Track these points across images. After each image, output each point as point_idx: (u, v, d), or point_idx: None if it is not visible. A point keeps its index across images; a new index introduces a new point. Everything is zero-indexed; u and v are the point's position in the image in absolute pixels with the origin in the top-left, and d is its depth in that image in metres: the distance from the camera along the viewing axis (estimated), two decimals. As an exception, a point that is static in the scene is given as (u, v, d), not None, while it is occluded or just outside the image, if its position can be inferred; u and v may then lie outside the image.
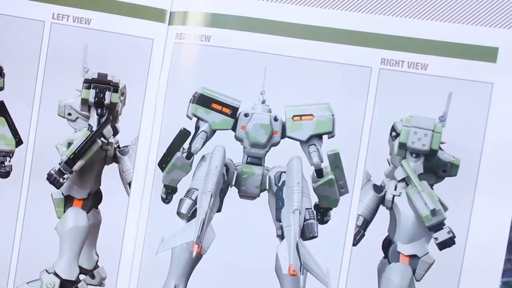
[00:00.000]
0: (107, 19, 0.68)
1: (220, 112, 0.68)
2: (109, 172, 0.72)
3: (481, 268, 0.62)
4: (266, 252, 0.66)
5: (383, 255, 0.66)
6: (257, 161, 0.69)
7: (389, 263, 0.66)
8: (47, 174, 0.70)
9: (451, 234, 0.64)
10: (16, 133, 0.70)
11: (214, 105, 0.68)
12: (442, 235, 0.65)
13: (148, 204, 0.69)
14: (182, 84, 0.67)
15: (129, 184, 0.70)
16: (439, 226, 0.64)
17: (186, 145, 0.68)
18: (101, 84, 0.69)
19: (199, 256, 0.65)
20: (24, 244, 0.71)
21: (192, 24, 0.66)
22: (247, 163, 0.69)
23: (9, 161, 0.72)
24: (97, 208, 0.73)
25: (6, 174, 0.71)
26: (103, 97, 0.69)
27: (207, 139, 0.68)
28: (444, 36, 0.62)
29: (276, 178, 0.69)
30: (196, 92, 0.66)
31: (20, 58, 0.68)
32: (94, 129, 0.70)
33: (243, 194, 0.69)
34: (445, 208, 0.64)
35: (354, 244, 0.66)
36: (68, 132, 0.72)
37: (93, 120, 0.72)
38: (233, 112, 0.67)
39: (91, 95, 0.70)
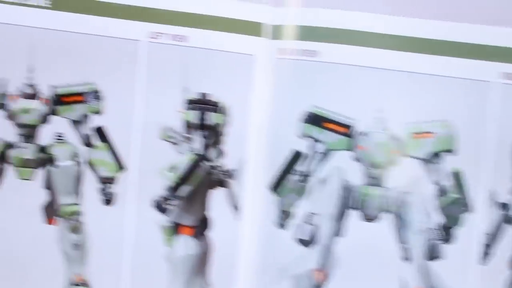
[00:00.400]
0: (205, 36, 0.81)
1: (335, 131, 0.81)
2: (217, 197, 0.86)
3: None
4: (389, 275, 0.81)
5: (511, 273, 0.80)
6: (377, 181, 0.83)
7: None
8: (153, 201, 0.84)
9: None
10: (118, 158, 0.85)
11: (328, 124, 0.81)
12: None
13: (260, 230, 0.82)
14: (288, 103, 0.81)
15: (238, 208, 0.82)
16: None
17: (300, 167, 0.81)
18: (203, 105, 0.83)
19: (321, 284, 0.79)
20: (134, 274, 0.86)
21: (296, 39, 0.79)
22: (366, 184, 0.81)
23: (112, 188, 0.86)
24: (206, 235, 0.86)
25: (110, 201, 0.86)
26: (206, 119, 0.83)
27: (323, 160, 0.81)
28: None
29: (398, 199, 0.82)
30: (308, 111, 0.80)
31: (117, 80, 0.82)
32: (199, 152, 0.84)
33: (365, 217, 0.83)
34: None
35: (481, 263, 0.80)
36: (172, 156, 0.84)
37: (197, 143, 0.84)
38: (349, 131, 0.81)
39: (193, 116, 0.83)
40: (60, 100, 0.86)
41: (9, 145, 0.86)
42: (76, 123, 0.87)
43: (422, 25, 0.77)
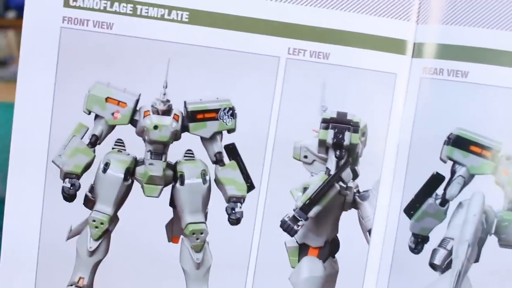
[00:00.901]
0: (346, 53, 0.80)
1: (480, 155, 0.80)
2: (348, 219, 0.86)
3: None
4: None
5: None
6: None
7: None
8: (281, 221, 0.83)
9: None
10: (248, 177, 0.84)
11: (473, 148, 0.80)
12: None
13: (391, 254, 0.82)
14: (430, 124, 0.80)
15: (369, 231, 0.82)
16: None
17: (439, 191, 0.81)
18: (340, 124, 0.82)
19: None
20: None
21: (441, 57, 0.78)
22: (508, 210, 0.80)
23: (240, 207, 0.85)
24: (334, 257, 0.86)
25: (237, 221, 0.85)
26: (342, 138, 0.82)
27: (465, 184, 0.80)
28: None
29: None
30: (451, 133, 0.79)
31: (253, 97, 0.81)
32: (332, 172, 0.83)
33: (503, 243, 0.81)
34: None
35: None
36: (303, 176, 0.85)
37: (331, 163, 0.84)
38: (494, 155, 0.79)
39: (329, 136, 0.83)
40: (193, 117, 0.85)
41: (138, 162, 0.86)
42: (207, 140, 0.87)
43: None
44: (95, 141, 0.85)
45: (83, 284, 0.86)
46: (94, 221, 0.86)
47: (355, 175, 0.84)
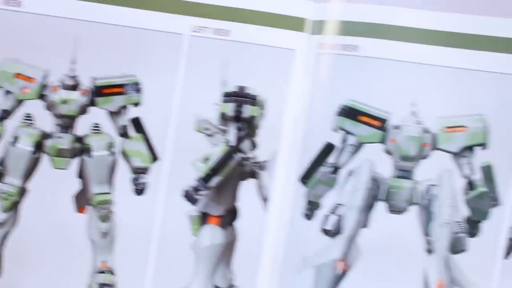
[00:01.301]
0: (247, 30, 0.83)
1: (369, 124, 0.85)
2: (247, 188, 0.89)
3: None
4: (413, 267, 0.84)
5: None
6: (406, 174, 0.86)
7: None
8: (184, 191, 0.86)
9: None
10: (152, 149, 0.88)
11: (362, 118, 0.84)
12: None
13: (287, 221, 0.84)
14: (325, 96, 0.83)
15: (267, 200, 0.85)
16: None
17: (331, 159, 0.84)
18: (240, 98, 0.85)
19: (343, 274, 0.83)
20: (159, 262, 0.88)
21: (337, 33, 0.82)
22: (396, 176, 0.85)
23: (145, 178, 0.88)
24: (233, 225, 0.89)
25: (142, 191, 0.88)
26: (242, 111, 0.85)
27: (355, 152, 0.85)
28: None
29: (426, 192, 0.86)
30: (342, 104, 0.83)
31: (157, 73, 0.84)
32: (232, 144, 0.86)
33: (392, 209, 0.86)
34: None
35: (506, 257, 0.82)
36: (205, 148, 0.87)
37: (231, 135, 0.87)
38: (382, 124, 0.85)
39: (229, 109, 0.86)
40: (100, 92, 0.88)
41: (46, 135, 0.88)
42: (114, 114, 0.90)
43: (457, 19, 0.81)
44: (4, 116, 0.87)
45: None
46: (3, 193, 0.87)
47: (254, 146, 0.88)
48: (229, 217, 0.91)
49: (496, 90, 0.81)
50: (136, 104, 0.87)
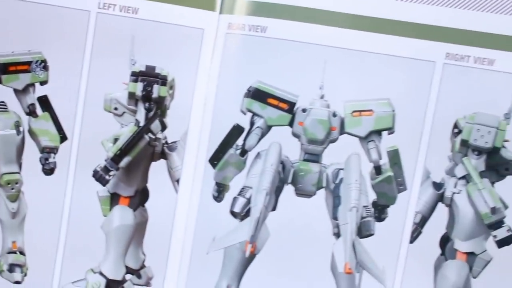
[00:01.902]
0: (155, 8, 0.83)
1: (277, 107, 0.85)
2: (157, 169, 0.89)
3: None
4: (321, 250, 0.84)
5: (440, 252, 0.85)
6: (314, 158, 0.87)
7: (446, 260, 0.85)
8: (93, 171, 0.86)
9: (511, 232, 0.81)
10: (60, 128, 0.87)
11: (270, 100, 0.84)
12: (501, 233, 0.83)
13: (197, 202, 0.85)
14: (234, 77, 0.83)
15: (178, 181, 0.86)
16: (498, 224, 0.83)
17: (239, 142, 0.84)
18: (149, 77, 0.85)
19: (252, 256, 0.83)
20: (69, 242, 0.88)
21: (246, 14, 0.81)
22: (304, 160, 0.86)
23: (54, 158, 0.88)
24: (144, 206, 0.90)
25: (51, 171, 0.88)
26: (151, 91, 0.85)
27: (263, 135, 0.85)
28: None
29: (334, 175, 0.86)
30: (251, 86, 0.83)
31: (64, 50, 0.84)
32: (142, 124, 0.86)
33: (300, 192, 0.87)
34: (506, 206, 0.82)
35: (411, 241, 0.84)
36: (114, 128, 0.87)
37: (140, 115, 0.87)
38: (290, 107, 0.84)
39: (138, 88, 0.85)
40: (6, 69, 0.87)
41: None
42: (20, 92, 0.89)
43: (367, 3, 0.81)
44: None
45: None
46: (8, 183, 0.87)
47: (164, 127, 0.88)
48: (139, 198, 0.90)
49: (403, 74, 0.82)
50: (43, 82, 0.87)
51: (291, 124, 0.85)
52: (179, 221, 0.86)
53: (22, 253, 0.90)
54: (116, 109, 0.87)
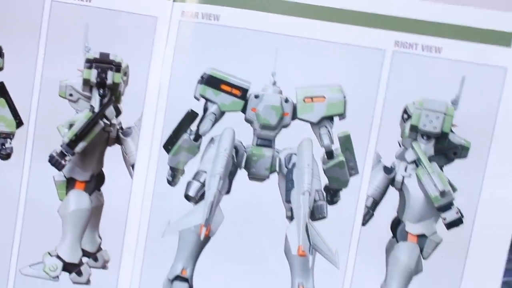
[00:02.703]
0: None
1: (230, 93, 0.88)
2: (112, 154, 0.92)
3: (488, 248, 0.84)
4: (275, 233, 0.88)
5: (391, 234, 0.89)
6: (267, 143, 0.90)
7: (397, 242, 0.89)
8: (49, 156, 0.89)
9: (459, 215, 0.86)
10: (16, 114, 0.90)
11: (224, 86, 0.87)
12: (450, 216, 0.87)
13: (152, 187, 0.88)
14: (188, 65, 0.86)
15: (133, 166, 0.89)
16: (447, 206, 0.87)
17: (193, 127, 0.87)
18: (103, 64, 0.88)
19: (207, 239, 0.87)
20: (26, 226, 0.91)
21: (199, 2, 0.84)
22: (257, 145, 0.90)
23: (10, 143, 0.91)
24: (99, 190, 0.93)
25: (7, 156, 0.91)
26: (105, 77, 0.88)
27: (216, 121, 0.88)
28: (459, 19, 0.82)
29: (286, 160, 0.89)
30: (204, 73, 0.86)
31: (19, 38, 0.86)
32: (96, 110, 0.89)
33: (253, 176, 0.90)
34: (454, 189, 0.86)
35: (363, 224, 0.87)
36: (69, 113, 0.90)
37: (95, 101, 0.90)
38: (243, 93, 0.87)
39: (92, 75, 0.88)
40: (-43, 56, 0.85)
41: None
42: None
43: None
44: None
45: None
46: None
47: (118, 113, 0.91)
48: (95, 182, 0.93)
49: (354, 62, 0.85)
50: (-3, 69, 0.84)
51: (244, 110, 0.88)
52: (134, 205, 0.89)
53: (-21, 238, 0.87)
54: (71, 95, 0.90)
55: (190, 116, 0.87)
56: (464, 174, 0.86)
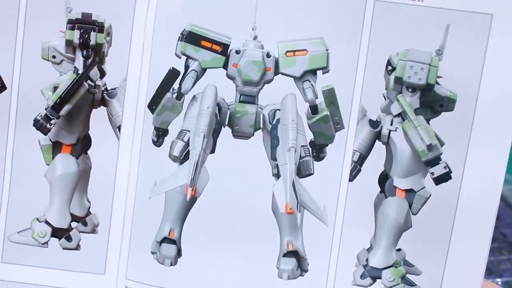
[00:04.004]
0: None
1: (210, 49, 0.90)
2: (98, 116, 0.96)
3: (477, 202, 0.87)
4: (262, 191, 0.90)
5: (379, 190, 0.92)
6: (250, 99, 0.93)
7: (386, 198, 0.91)
8: (33, 120, 0.91)
9: (448, 169, 0.88)
10: None
11: (204, 43, 0.90)
12: (438, 170, 0.89)
13: (139, 148, 0.91)
14: (170, 22, 0.89)
15: (119, 127, 0.92)
16: (435, 161, 0.89)
17: (176, 85, 0.90)
18: (85, 25, 0.91)
19: (193, 199, 0.90)
20: (13, 193, 0.94)
21: None
22: (240, 101, 0.92)
23: None
24: (86, 153, 0.97)
25: None
26: (88, 38, 0.91)
27: (198, 78, 0.91)
28: (440, -35, 0.80)
29: (271, 116, 0.92)
30: (184, 29, 0.88)
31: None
32: (80, 71, 0.92)
33: (237, 134, 0.93)
34: (442, 143, 0.88)
35: (351, 180, 0.90)
36: (53, 76, 0.94)
37: (79, 62, 0.93)
38: (224, 49, 0.90)
39: (75, 36, 0.91)
40: None
41: None
42: None
43: None
44: None
45: None
46: None
47: (103, 74, 0.94)
48: (82, 146, 0.97)
49: (335, 13, 0.87)
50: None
51: (225, 66, 0.91)
52: (121, 167, 0.91)
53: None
54: (54, 57, 0.93)
55: (172, 74, 0.90)
56: (451, 128, 0.88)
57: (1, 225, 0.93)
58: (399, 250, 0.91)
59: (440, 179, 0.89)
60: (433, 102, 0.90)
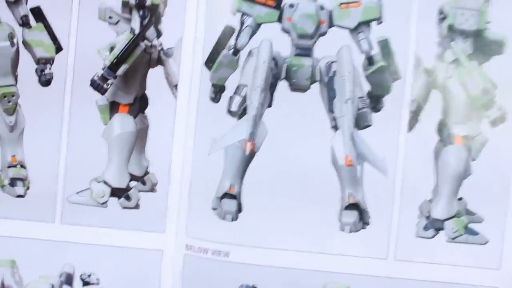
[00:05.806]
0: None
1: (264, 4, 0.96)
2: (154, 76, 1.01)
3: None
4: (321, 144, 0.96)
5: (438, 138, 0.97)
6: (306, 52, 0.98)
7: (445, 146, 0.96)
8: (90, 81, 0.97)
9: (503, 111, 0.94)
10: (55, 39, 0.98)
11: None
12: (493, 113, 0.95)
13: (196, 105, 0.97)
14: None
15: (175, 86, 0.98)
16: (489, 104, 0.95)
17: (232, 42, 0.96)
18: None
19: (252, 154, 0.95)
20: (71, 153, 1.00)
21: None
22: (296, 55, 0.98)
23: (50, 69, 0.99)
24: (144, 113, 1.02)
25: (47, 83, 0.99)
26: None
27: (253, 33, 0.97)
28: None
29: (327, 69, 0.98)
30: None
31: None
32: (137, 32, 0.98)
33: (294, 87, 0.99)
34: (495, 86, 0.94)
35: (409, 130, 0.96)
36: (110, 36, 0.99)
37: (135, 23, 0.99)
38: (278, 3, 0.96)
39: (132, -4, 0.92)
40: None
41: None
42: (13, 3, 0.99)
43: None
44: None
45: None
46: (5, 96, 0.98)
47: (159, 34, 1.00)
48: (139, 105, 1.03)
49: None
50: (34, -7, 0.93)
51: (280, 20, 0.96)
52: (179, 125, 0.97)
53: (23, 166, 1.01)
54: (110, 18, 0.99)
55: (228, 31, 0.96)
56: (504, 69, 0.94)
57: (60, 187, 0.99)
58: (460, 199, 0.97)
59: (496, 122, 0.95)
60: (484, 47, 0.95)
